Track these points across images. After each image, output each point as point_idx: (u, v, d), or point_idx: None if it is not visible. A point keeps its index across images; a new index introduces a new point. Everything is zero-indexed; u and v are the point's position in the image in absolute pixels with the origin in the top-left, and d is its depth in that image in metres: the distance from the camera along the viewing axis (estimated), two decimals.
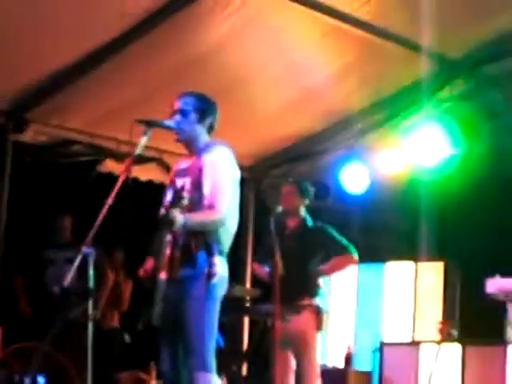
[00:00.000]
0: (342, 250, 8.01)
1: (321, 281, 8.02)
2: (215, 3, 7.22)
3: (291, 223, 8.05)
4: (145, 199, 6.85)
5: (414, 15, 7.31)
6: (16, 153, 8.62)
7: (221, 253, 5.85)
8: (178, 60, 7.82)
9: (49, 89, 8.19)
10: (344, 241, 8.00)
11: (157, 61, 7.83)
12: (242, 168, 6.08)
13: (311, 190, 8.17)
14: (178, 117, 6.00)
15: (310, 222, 8.06)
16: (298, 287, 7.81)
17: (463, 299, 10.01)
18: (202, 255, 5.77)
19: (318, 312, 7.87)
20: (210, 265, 5.76)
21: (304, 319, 7.79)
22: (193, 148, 6.05)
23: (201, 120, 6.04)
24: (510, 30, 7.93)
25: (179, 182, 5.95)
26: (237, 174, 6.01)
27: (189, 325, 5.75)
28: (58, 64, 7.88)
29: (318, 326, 7.88)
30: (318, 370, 7.84)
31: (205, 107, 6.08)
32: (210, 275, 5.75)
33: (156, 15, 7.28)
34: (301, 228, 8.04)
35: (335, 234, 8.03)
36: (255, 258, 8.44)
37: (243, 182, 6.13)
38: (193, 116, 6.02)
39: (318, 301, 7.91)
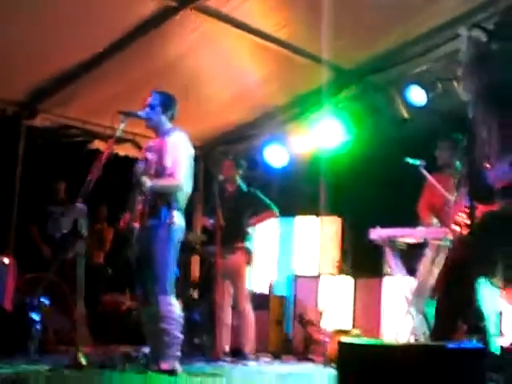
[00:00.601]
0: (266, 207, 8.13)
1: (251, 230, 8.15)
2: (178, 25, 7.27)
3: (230, 188, 8.14)
4: (122, 169, 6.87)
5: (318, 35, 7.29)
6: (28, 135, 8.68)
7: (179, 208, 5.97)
8: (151, 66, 7.80)
9: (54, 86, 8.22)
10: (267, 200, 8.12)
11: (135, 67, 7.83)
12: (194, 147, 6.20)
13: (244, 163, 8.27)
14: (147, 109, 6.13)
15: (243, 188, 8.15)
16: (234, 234, 7.90)
17: (354, 244, 10.02)
18: (164, 210, 5.88)
19: (248, 252, 7.98)
20: (171, 217, 5.88)
21: (238, 257, 7.90)
22: (158, 132, 6.17)
23: (164, 111, 6.16)
24: (390, 49, 7.97)
25: (148, 156, 6.07)
26: (191, 152, 6.12)
27: (155, 260, 5.84)
28: (61, 67, 7.90)
29: (248, 263, 7.99)
30: (247, 294, 7.95)
31: (168, 102, 6.19)
32: (170, 224, 5.88)
33: (135, 32, 7.30)
34: (236, 192, 8.13)
35: (261, 196, 8.14)
36: (203, 212, 8.49)
37: (196, 158, 6.21)
38: (158, 108, 6.14)
39: (248, 244, 8.02)
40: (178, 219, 5.95)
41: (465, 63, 4.17)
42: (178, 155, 5.98)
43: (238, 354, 7.76)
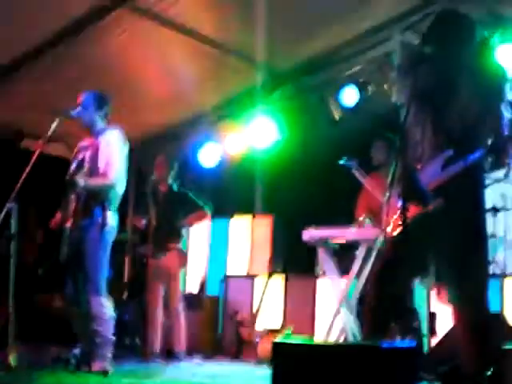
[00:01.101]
0: (199, 208, 8.12)
1: (184, 230, 8.12)
2: (112, 24, 7.22)
3: (162, 188, 8.08)
4: (54, 170, 6.80)
5: (252, 36, 7.36)
6: None
7: (112, 208, 5.94)
8: (85, 65, 7.74)
9: None
10: (200, 201, 8.11)
11: (68, 65, 7.75)
12: (128, 145, 6.17)
13: (176, 164, 8.24)
14: (80, 108, 6.07)
15: (175, 188, 8.12)
16: (167, 234, 7.87)
17: (287, 244, 10.04)
18: (97, 210, 5.84)
19: (181, 253, 7.97)
20: (104, 217, 5.85)
21: (171, 258, 7.86)
22: (92, 131, 6.13)
23: (97, 110, 6.12)
24: (324, 51, 8.02)
25: (81, 156, 6.02)
26: (125, 150, 6.09)
27: (87, 260, 5.81)
28: None
29: (182, 264, 7.97)
30: (180, 295, 7.91)
31: (100, 101, 6.16)
32: (103, 224, 5.84)
33: (69, 30, 7.23)
34: (169, 192, 8.08)
35: (194, 196, 8.12)
36: (136, 212, 8.43)
37: (128, 157, 6.18)
38: (91, 108, 6.09)
39: (181, 245, 8.00)
40: (111, 219, 5.92)
41: (398, 66, 4.23)
42: (112, 154, 5.95)
43: (169, 354, 7.75)
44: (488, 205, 7.31)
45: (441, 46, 4.16)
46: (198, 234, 10.85)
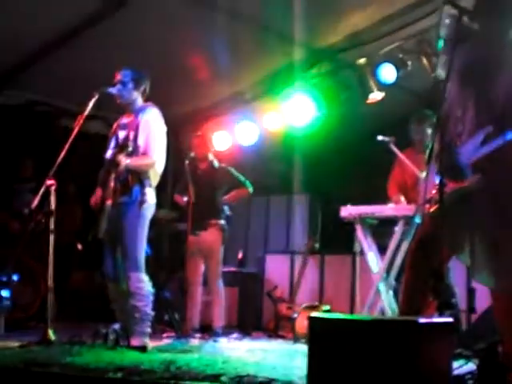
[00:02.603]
0: (241, 185, 8.11)
1: (225, 207, 8.12)
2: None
3: (202, 165, 8.09)
4: (93, 146, 6.83)
5: (290, 14, 7.27)
6: None
7: (151, 186, 5.96)
8: (124, 42, 7.66)
9: (20, 64, 8.14)
10: (242, 177, 8.10)
11: (105, 44, 7.71)
12: (166, 123, 6.17)
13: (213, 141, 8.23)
14: (119, 86, 6.09)
15: (215, 164, 8.12)
16: (208, 211, 7.87)
17: (325, 221, 10.03)
18: (136, 188, 5.87)
19: (222, 229, 7.95)
20: (143, 194, 5.87)
21: (211, 234, 7.87)
22: (131, 109, 6.16)
23: (136, 87, 6.14)
24: (358, 30, 7.93)
25: (121, 134, 6.04)
26: (164, 129, 6.11)
27: (126, 237, 5.86)
28: (28, 46, 7.83)
29: (222, 240, 7.96)
30: (220, 271, 7.92)
31: (139, 78, 6.17)
32: (142, 202, 5.87)
33: (105, 9, 7.22)
34: (209, 168, 8.08)
35: (236, 172, 8.12)
36: (176, 190, 8.45)
37: (166, 134, 6.18)
38: (130, 85, 6.11)
39: (222, 221, 8.00)
40: (150, 197, 5.95)
41: (444, 38, 4.16)
42: (152, 133, 5.98)
43: (208, 330, 7.79)
44: None
45: (488, 21, 4.10)
46: (238, 211, 10.90)
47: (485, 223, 4.00)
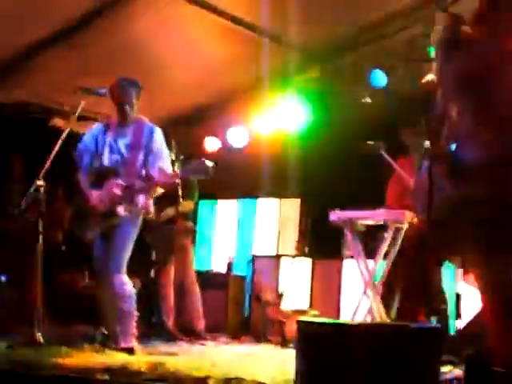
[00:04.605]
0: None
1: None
2: (144, 5, 7.20)
3: None
4: None
5: (283, 18, 7.31)
6: None
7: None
8: (114, 45, 7.67)
9: (12, 63, 8.09)
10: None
11: (98, 45, 7.69)
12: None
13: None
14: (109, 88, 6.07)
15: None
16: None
17: (314, 225, 10.00)
18: (141, 198, 5.97)
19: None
20: (147, 205, 5.96)
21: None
22: (125, 115, 6.08)
23: (136, 94, 6.12)
24: (349, 35, 7.97)
25: (121, 143, 6.02)
26: None
27: (117, 241, 5.86)
28: (20, 44, 7.78)
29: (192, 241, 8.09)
30: (193, 271, 8.02)
31: (137, 85, 6.14)
32: (145, 212, 5.95)
33: (100, 10, 7.22)
34: None
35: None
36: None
37: None
38: (131, 89, 6.10)
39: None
40: (151, 207, 6.01)
41: (441, 42, 4.15)
42: (166, 158, 6.03)
43: (192, 332, 7.74)
44: None
45: (488, 30, 4.09)
46: (226, 214, 10.88)
47: (476, 229, 3.97)
